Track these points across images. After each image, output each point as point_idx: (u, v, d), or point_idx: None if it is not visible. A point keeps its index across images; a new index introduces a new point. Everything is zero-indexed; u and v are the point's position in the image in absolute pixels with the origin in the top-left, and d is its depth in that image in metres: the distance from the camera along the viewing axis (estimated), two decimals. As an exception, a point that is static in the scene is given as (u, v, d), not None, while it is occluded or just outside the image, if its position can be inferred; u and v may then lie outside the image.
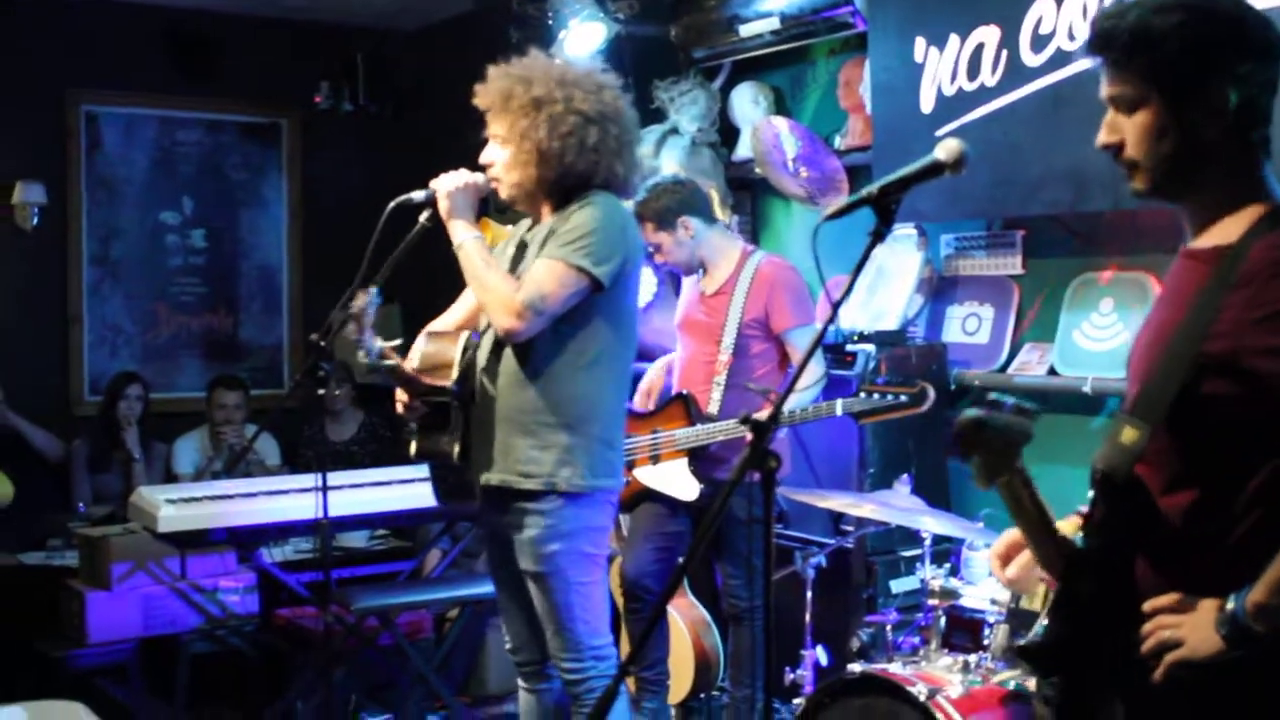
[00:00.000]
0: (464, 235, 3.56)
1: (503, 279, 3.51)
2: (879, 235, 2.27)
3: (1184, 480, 2.08)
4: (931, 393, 3.81)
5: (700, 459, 4.51)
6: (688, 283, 4.87)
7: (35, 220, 7.11)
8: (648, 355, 5.32)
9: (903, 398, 3.80)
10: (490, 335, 3.63)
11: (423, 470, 4.85)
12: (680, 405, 4.59)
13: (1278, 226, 2.05)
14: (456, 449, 3.65)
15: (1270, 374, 1.97)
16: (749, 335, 4.53)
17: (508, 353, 3.57)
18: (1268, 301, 1.97)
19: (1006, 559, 2.36)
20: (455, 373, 3.63)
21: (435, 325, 3.83)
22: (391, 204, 3.63)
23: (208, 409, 6.82)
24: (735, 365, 4.53)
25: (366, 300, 3.52)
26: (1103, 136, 2.17)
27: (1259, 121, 2.11)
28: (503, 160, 3.60)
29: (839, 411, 3.93)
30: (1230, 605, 1.96)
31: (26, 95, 7.07)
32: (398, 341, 3.70)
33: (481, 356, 3.65)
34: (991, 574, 2.49)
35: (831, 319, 2.31)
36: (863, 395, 3.89)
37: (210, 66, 7.50)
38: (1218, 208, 2.12)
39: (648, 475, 4.59)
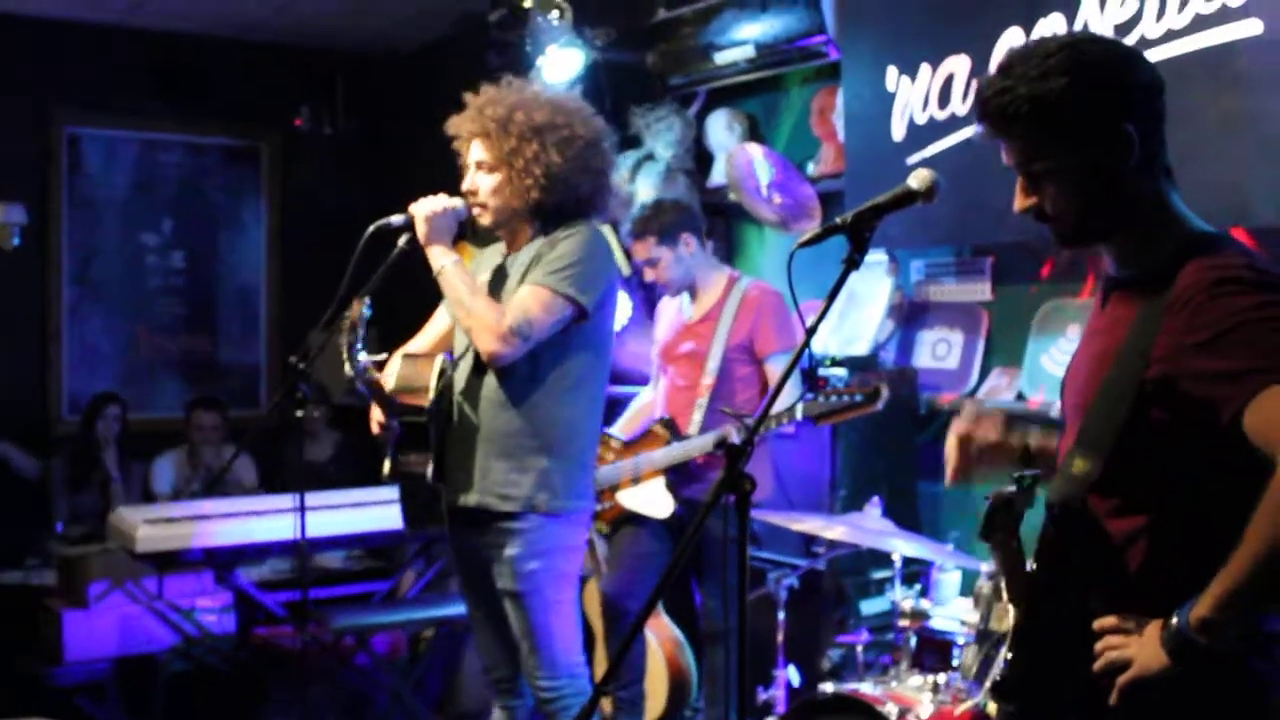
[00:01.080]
0: (443, 260, 3.56)
1: (488, 304, 3.50)
2: (853, 262, 2.28)
3: (1130, 506, 2.10)
4: (886, 392, 3.83)
5: (677, 476, 4.51)
6: (668, 309, 4.86)
7: (16, 240, 7.07)
8: (623, 378, 5.33)
9: (858, 397, 3.81)
10: (469, 358, 3.63)
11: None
12: (661, 429, 4.59)
13: (1204, 249, 2.06)
14: (430, 469, 3.64)
15: (1203, 398, 1.97)
16: (734, 359, 4.54)
17: (489, 376, 3.57)
18: (1203, 325, 1.97)
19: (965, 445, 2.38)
20: (431, 395, 3.63)
21: (410, 347, 3.83)
22: (370, 228, 3.62)
23: (186, 429, 6.81)
24: (718, 388, 4.52)
25: (361, 308, 3.52)
26: (1019, 203, 2.17)
27: (1159, 151, 2.14)
28: (490, 185, 3.59)
29: (799, 415, 3.92)
30: (1175, 621, 1.98)
31: (8, 116, 7.06)
32: (383, 356, 3.68)
33: (460, 379, 3.64)
34: (948, 467, 2.49)
35: (806, 344, 2.30)
36: (820, 399, 3.89)
37: (191, 89, 7.50)
38: (1140, 239, 2.14)
39: (627, 497, 4.60)
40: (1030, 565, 2.18)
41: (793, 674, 4.28)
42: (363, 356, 3.51)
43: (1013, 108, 2.10)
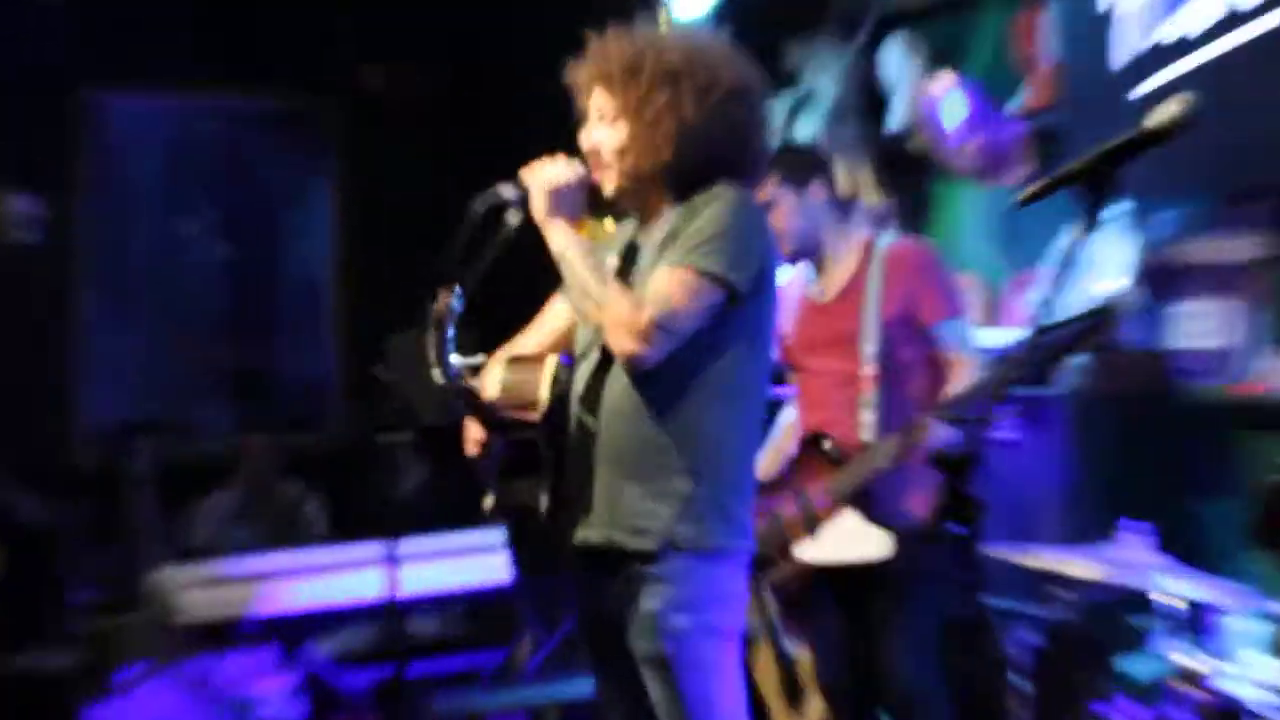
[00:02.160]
0: (565, 242, 3.56)
1: (621, 293, 3.48)
2: (1089, 221, 2.30)
3: None
4: (1120, 313, 3.77)
5: (872, 503, 4.32)
6: (789, 292, 4.76)
7: (31, 236, 7.29)
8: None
9: (1085, 323, 3.58)
10: (591, 360, 3.60)
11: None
12: (814, 451, 4.47)
13: None
14: (545, 500, 3.64)
15: None
16: (895, 338, 4.42)
17: (615, 380, 3.53)
18: None
19: None
20: (544, 404, 3.62)
21: (516, 348, 3.84)
22: (477, 203, 3.62)
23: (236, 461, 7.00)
24: (885, 380, 4.41)
25: (450, 299, 3.54)
26: None
27: None
28: (616, 142, 3.58)
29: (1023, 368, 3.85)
30: None
31: (18, 83, 7.19)
32: (479, 359, 3.72)
33: (579, 385, 3.62)
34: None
35: (1032, 323, 2.30)
36: (1034, 339, 3.71)
37: (235, 43, 7.60)
38: None
39: (815, 553, 4.42)
40: None
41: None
42: (455, 359, 3.52)
43: None
